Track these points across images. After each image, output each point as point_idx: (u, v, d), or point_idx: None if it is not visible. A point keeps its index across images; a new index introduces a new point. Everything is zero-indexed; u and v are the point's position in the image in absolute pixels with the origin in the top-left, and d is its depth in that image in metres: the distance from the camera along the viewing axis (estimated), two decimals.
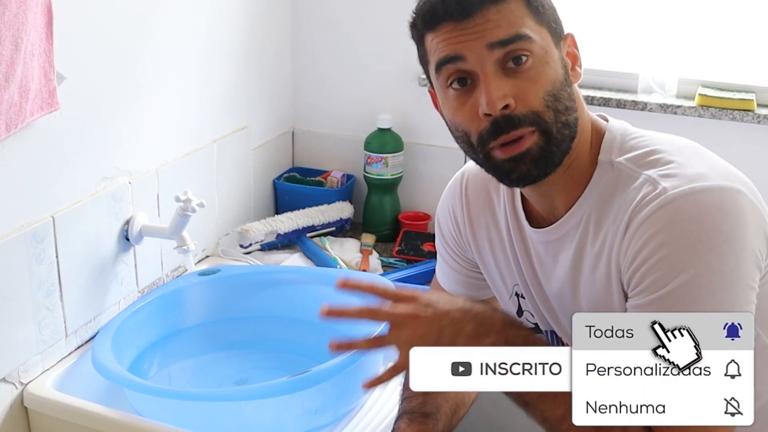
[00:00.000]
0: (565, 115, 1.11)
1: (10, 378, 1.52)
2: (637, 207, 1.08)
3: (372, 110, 2.32)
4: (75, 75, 1.56)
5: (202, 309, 1.83)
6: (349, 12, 2.32)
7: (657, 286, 1.04)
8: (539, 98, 1.09)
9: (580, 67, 1.18)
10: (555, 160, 1.12)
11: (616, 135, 1.17)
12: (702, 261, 1.02)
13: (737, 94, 2.06)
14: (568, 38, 1.17)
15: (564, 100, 1.11)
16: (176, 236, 1.77)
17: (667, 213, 1.05)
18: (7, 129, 1.39)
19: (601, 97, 2.13)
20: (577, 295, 1.19)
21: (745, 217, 1.05)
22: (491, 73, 1.08)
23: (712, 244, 1.02)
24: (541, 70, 1.09)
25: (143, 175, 1.80)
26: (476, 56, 1.08)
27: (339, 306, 1.05)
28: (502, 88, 1.07)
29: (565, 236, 1.18)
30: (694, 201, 1.04)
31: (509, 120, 1.08)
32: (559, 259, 1.20)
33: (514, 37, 1.08)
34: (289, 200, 2.32)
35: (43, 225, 1.54)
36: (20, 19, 1.34)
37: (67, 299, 1.61)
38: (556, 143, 1.11)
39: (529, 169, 1.11)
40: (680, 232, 1.03)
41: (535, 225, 1.23)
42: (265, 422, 1.48)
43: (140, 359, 1.70)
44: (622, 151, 1.15)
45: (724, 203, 1.04)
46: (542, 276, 1.24)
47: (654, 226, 1.05)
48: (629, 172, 1.12)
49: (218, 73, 2.07)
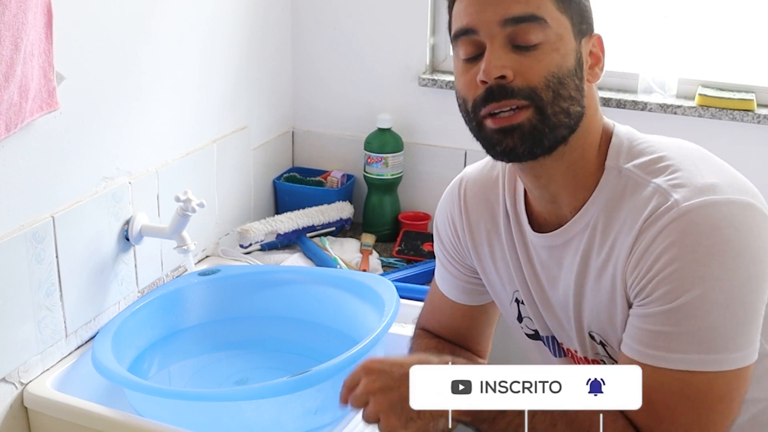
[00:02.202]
0: (567, 102, 1.11)
1: (10, 378, 1.52)
2: (649, 219, 1.08)
3: (372, 110, 2.32)
4: (75, 75, 1.56)
5: (202, 309, 1.83)
6: (350, 12, 2.32)
7: (668, 298, 1.04)
8: (541, 76, 1.09)
9: (601, 69, 1.18)
10: (545, 142, 1.11)
11: (623, 140, 1.17)
12: (714, 276, 1.03)
13: (737, 94, 2.06)
14: (594, 38, 1.17)
15: (569, 88, 1.11)
16: (176, 236, 1.77)
17: (679, 226, 1.05)
18: (7, 129, 1.39)
19: (602, 97, 2.10)
20: (580, 301, 1.19)
21: (757, 232, 1.06)
22: (497, 46, 1.09)
23: (724, 258, 1.03)
24: (549, 53, 1.10)
25: (143, 175, 1.80)
26: (488, 30, 1.10)
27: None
28: (502, 58, 1.08)
29: (570, 241, 1.18)
30: (706, 215, 1.05)
31: (503, 89, 1.09)
32: (564, 264, 1.19)
33: (530, 16, 1.09)
34: (289, 200, 2.32)
35: (43, 225, 1.54)
36: (20, 20, 1.34)
37: (67, 299, 1.61)
38: (550, 125, 1.10)
39: (516, 144, 1.11)
40: (692, 246, 1.04)
41: (537, 230, 1.23)
42: (265, 422, 1.48)
43: (140, 359, 1.70)
44: (630, 156, 1.15)
45: (735, 218, 1.05)
46: (546, 282, 1.24)
47: (666, 240, 1.05)
48: (637, 179, 1.12)
49: (218, 72, 2.07)
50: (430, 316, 1.48)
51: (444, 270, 1.42)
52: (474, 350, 1.46)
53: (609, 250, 1.13)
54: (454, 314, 1.43)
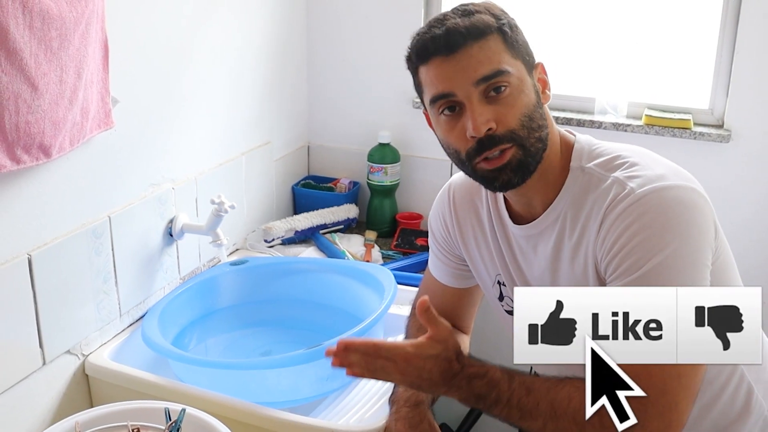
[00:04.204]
0: (538, 132, 1.11)
1: (74, 350, 1.52)
2: (610, 205, 1.08)
3: (374, 128, 2.32)
4: (127, 99, 1.56)
5: (233, 293, 1.83)
6: (356, 46, 2.32)
7: (633, 269, 1.04)
8: (516, 120, 1.09)
9: (549, 90, 1.18)
10: (531, 168, 1.12)
11: (584, 146, 1.17)
12: (671, 246, 1.02)
13: (677, 115, 2.06)
14: (539, 67, 1.17)
15: (537, 119, 1.11)
16: (211, 233, 1.77)
17: (637, 208, 1.05)
18: (71, 144, 1.39)
19: (564, 117, 2.12)
20: (556, 281, 1.19)
21: (701, 210, 1.06)
22: (476, 103, 1.08)
23: (678, 230, 1.03)
24: (517, 97, 1.10)
25: (184, 181, 1.80)
26: (464, 91, 1.09)
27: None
28: (485, 114, 1.08)
29: (544, 231, 1.18)
30: (659, 197, 1.05)
31: (491, 138, 1.09)
32: (539, 250, 1.20)
33: (496, 72, 1.08)
34: (305, 203, 2.32)
35: (101, 223, 1.54)
36: (82, 53, 1.34)
37: (121, 285, 1.62)
38: (531, 155, 1.11)
39: (510, 178, 1.11)
40: (650, 222, 1.04)
41: (516, 222, 1.23)
42: (285, 387, 1.48)
43: (182, 335, 1.71)
44: (591, 158, 1.15)
45: (683, 198, 1.05)
46: (524, 265, 1.24)
47: (627, 219, 1.05)
48: (599, 175, 1.13)
49: (246, 97, 2.07)
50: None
51: (437, 259, 1.42)
52: (459, 326, 1.46)
53: (579, 235, 1.13)
54: (444, 295, 1.44)
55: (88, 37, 1.35)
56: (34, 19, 1.21)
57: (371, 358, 1.06)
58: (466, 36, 1.08)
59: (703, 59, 2.06)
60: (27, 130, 1.26)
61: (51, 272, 1.42)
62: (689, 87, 2.12)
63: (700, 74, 2.08)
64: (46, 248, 1.40)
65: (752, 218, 2.02)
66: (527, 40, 1.16)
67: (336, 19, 2.31)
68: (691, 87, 2.11)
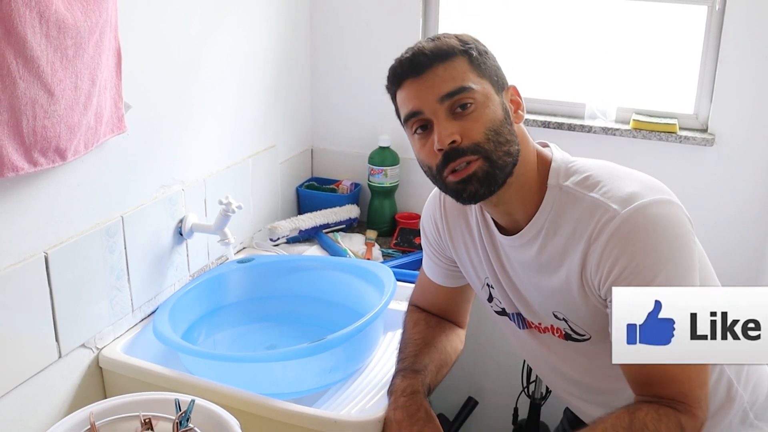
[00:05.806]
0: (506, 146, 1.11)
1: (89, 344, 1.52)
2: (596, 228, 1.08)
3: (374, 132, 2.32)
4: (139, 104, 1.56)
5: (240, 289, 1.83)
6: (356, 54, 2.32)
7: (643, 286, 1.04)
8: (481, 133, 1.09)
9: (523, 111, 1.18)
10: (499, 180, 1.11)
11: (560, 164, 1.17)
12: (670, 261, 1.03)
13: (663, 119, 2.06)
14: (511, 89, 1.18)
15: (505, 134, 1.11)
16: (219, 232, 1.77)
17: (623, 232, 1.05)
18: (86, 147, 1.39)
19: (556, 122, 2.12)
20: (540, 286, 1.19)
21: (680, 220, 1.07)
22: (442, 119, 1.09)
23: (670, 244, 1.04)
24: (482, 112, 1.10)
25: (193, 183, 1.80)
26: (430, 108, 1.10)
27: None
28: (449, 128, 1.09)
29: (527, 242, 1.18)
30: (642, 216, 1.05)
31: (455, 151, 1.09)
32: (523, 260, 1.21)
33: (459, 89, 1.09)
34: (309, 203, 2.32)
35: (114, 223, 1.54)
36: (96, 60, 1.34)
37: (133, 281, 1.61)
38: (499, 167, 1.11)
39: (476, 189, 1.11)
40: (640, 245, 1.04)
41: (503, 233, 1.23)
42: (290, 379, 1.48)
43: (191, 329, 1.70)
44: (567, 176, 1.15)
45: (661, 214, 1.06)
46: (511, 271, 1.24)
47: (619, 244, 1.05)
48: (575, 193, 1.13)
49: (252, 102, 2.07)
50: (420, 295, 1.48)
51: (429, 260, 1.42)
52: (455, 321, 1.46)
53: (562, 251, 1.13)
54: (438, 294, 1.44)
55: (102, 45, 1.35)
56: (50, 29, 1.21)
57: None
58: (432, 58, 1.10)
59: (688, 67, 2.06)
60: (44, 134, 1.26)
61: (66, 269, 1.42)
62: (675, 93, 2.12)
63: (685, 81, 2.08)
64: (61, 247, 1.40)
65: (734, 218, 2.02)
66: (499, 65, 1.17)
67: (338, 28, 2.31)
68: (677, 93, 2.11)
